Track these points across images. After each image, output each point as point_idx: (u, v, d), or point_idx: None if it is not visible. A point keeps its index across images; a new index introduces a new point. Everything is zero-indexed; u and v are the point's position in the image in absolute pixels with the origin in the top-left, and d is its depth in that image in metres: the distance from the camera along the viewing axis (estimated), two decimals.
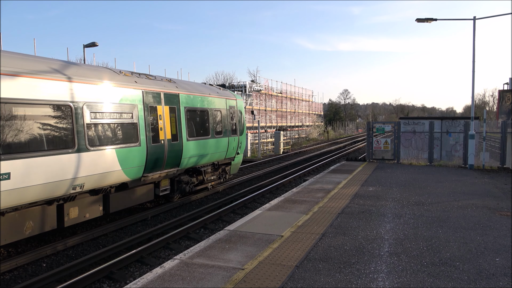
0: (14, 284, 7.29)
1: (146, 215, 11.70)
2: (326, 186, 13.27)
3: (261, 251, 6.80)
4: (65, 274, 7.53)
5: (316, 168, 22.72)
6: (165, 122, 11.85)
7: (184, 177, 13.42)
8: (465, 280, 5.65)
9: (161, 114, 11.76)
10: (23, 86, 7.76)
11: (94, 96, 9.47)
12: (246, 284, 5.45)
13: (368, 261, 6.35)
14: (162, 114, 11.79)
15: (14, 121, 7.50)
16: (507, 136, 17.94)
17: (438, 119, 20.37)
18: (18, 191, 7.53)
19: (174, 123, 12.29)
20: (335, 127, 78.26)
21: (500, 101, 23.36)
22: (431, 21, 18.16)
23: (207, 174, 14.79)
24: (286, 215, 9.35)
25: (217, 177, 15.67)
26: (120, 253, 8.76)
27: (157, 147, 11.37)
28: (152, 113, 11.38)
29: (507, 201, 11.05)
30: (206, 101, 14.28)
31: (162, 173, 11.87)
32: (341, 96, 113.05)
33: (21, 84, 7.72)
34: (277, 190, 16.39)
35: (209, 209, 12.70)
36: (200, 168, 14.12)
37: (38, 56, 9.22)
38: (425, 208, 10.08)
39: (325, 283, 5.53)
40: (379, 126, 21.80)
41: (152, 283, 5.52)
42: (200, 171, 14.26)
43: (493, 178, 15.33)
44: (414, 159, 20.16)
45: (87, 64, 13.52)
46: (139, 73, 11.86)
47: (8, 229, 7.80)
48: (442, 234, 7.83)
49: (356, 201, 10.90)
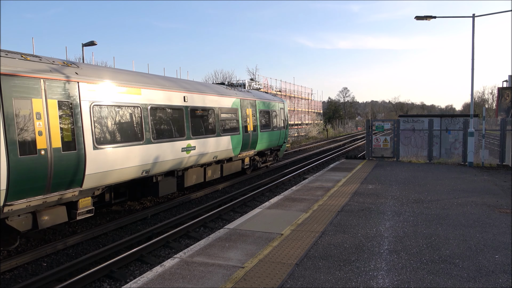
0: (14, 283, 7.30)
1: (146, 214, 11.70)
2: (326, 184, 13.28)
3: (261, 250, 6.80)
4: (65, 273, 7.55)
5: (316, 166, 22.72)
6: (250, 119, 17.60)
7: (256, 157, 19.38)
8: (465, 277, 5.66)
9: (249, 114, 17.52)
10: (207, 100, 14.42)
11: (222, 103, 15.45)
12: (246, 282, 5.46)
13: (368, 259, 6.36)
14: (250, 114, 17.59)
15: (195, 119, 13.54)
16: (506, 133, 17.95)
17: (437, 117, 20.36)
18: (198, 156, 13.59)
19: (257, 120, 18.43)
20: (335, 125, 78.25)
21: (499, 99, 23.38)
22: (430, 18, 18.14)
23: (267, 156, 20.86)
24: (286, 213, 9.36)
25: (273, 159, 21.84)
26: (120, 252, 8.77)
27: (246, 135, 17.12)
28: (244, 113, 17.03)
29: (506, 198, 11.06)
30: (269, 105, 20.19)
31: (247, 153, 17.64)
32: (341, 94, 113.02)
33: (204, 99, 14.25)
34: (277, 189, 16.39)
35: (209, 208, 12.70)
36: (265, 151, 20.03)
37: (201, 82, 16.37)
38: (424, 206, 10.09)
39: (325, 281, 5.54)
40: (379, 124, 21.82)
41: (152, 282, 5.52)
42: (265, 154, 20.29)
43: (493, 176, 15.35)
44: (413, 157, 20.17)
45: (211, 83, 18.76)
46: (235, 86, 17.65)
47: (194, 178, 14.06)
48: (442, 232, 7.84)
49: (355, 199, 10.91)
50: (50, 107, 8.27)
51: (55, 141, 8.31)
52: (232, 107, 16.10)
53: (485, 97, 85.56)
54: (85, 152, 8.95)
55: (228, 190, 15.90)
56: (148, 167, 11.07)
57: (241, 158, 17.19)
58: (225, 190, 15.91)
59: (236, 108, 16.42)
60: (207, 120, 14.34)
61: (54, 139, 8.29)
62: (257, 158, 19.52)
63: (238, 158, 16.83)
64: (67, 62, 9.39)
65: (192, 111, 13.32)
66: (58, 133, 8.40)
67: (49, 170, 8.11)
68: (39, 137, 7.96)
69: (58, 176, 8.34)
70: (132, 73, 11.72)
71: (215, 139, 14.55)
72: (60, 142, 8.43)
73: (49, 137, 8.19)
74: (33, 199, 7.98)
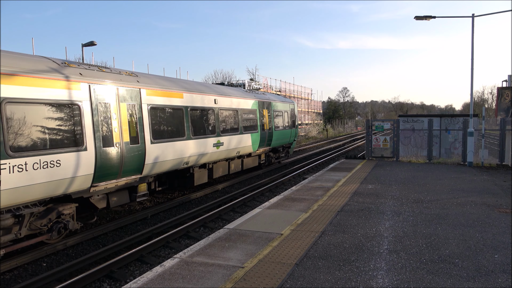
0: (14, 283, 7.30)
1: (146, 214, 11.71)
2: (326, 184, 13.29)
3: (261, 249, 6.81)
4: (65, 274, 7.55)
5: (316, 166, 22.72)
6: (266, 118, 19.48)
7: (270, 153, 21.27)
8: (464, 277, 5.67)
9: (265, 114, 19.54)
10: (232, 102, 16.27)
11: (244, 105, 17.32)
12: (246, 282, 5.46)
13: (368, 259, 6.37)
14: (266, 114, 19.61)
15: (223, 118, 15.28)
16: (505, 133, 17.97)
17: (437, 117, 20.38)
18: (226, 151, 15.36)
19: (269, 120, 19.95)
20: (334, 125, 78.22)
21: (499, 99, 23.36)
22: (430, 18, 18.15)
23: (280, 152, 22.73)
24: (285, 213, 9.36)
25: (284, 155, 23.57)
26: (120, 252, 8.77)
27: (263, 133, 18.97)
28: (261, 113, 18.97)
29: (506, 198, 11.07)
30: (282, 106, 22.02)
31: (264, 149, 19.54)
32: (340, 94, 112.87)
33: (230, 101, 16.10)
34: (277, 189, 16.39)
35: (209, 208, 12.71)
36: (278, 148, 22.03)
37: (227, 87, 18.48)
38: (424, 206, 10.10)
39: (324, 280, 5.55)
40: (378, 124, 21.83)
41: (152, 282, 5.53)
42: (278, 150, 22.30)
43: (492, 175, 15.36)
44: (413, 157, 20.19)
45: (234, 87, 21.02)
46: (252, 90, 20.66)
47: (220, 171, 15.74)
48: (441, 231, 7.85)
49: (355, 199, 10.92)
50: (122, 109, 10.22)
51: (125, 136, 10.23)
52: (252, 108, 18.06)
53: (485, 97, 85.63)
54: (145, 145, 10.83)
55: (228, 190, 15.91)
56: (188, 159, 12.93)
57: (258, 154, 19.13)
58: (225, 190, 15.91)
59: (255, 109, 18.39)
60: (232, 119, 16.20)
61: (125, 135, 10.21)
62: (271, 154, 21.52)
63: (256, 153, 18.81)
64: (129, 72, 11.36)
65: (220, 111, 15.23)
66: (127, 130, 10.30)
67: (121, 159, 10.02)
68: (115, 133, 9.88)
69: (127, 164, 10.21)
70: (176, 80, 14.14)
71: (238, 136, 16.48)
72: (129, 137, 10.33)
73: (121, 133, 10.08)
74: (109, 182, 9.82)
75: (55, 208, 8.74)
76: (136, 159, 10.49)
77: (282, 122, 21.76)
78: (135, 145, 10.43)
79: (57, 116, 8.40)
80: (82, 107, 8.97)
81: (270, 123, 20.00)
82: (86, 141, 8.96)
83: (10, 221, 7.70)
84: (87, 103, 9.11)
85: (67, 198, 9.01)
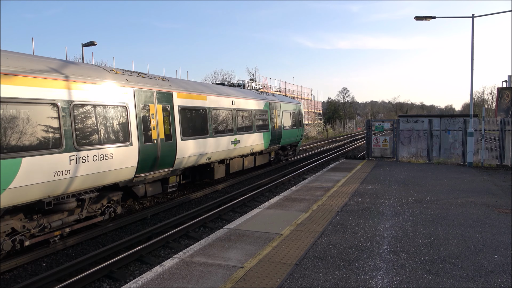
0: (14, 283, 7.30)
1: (146, 214, 11.70)
2: (325, 184, 13.29)
3: (261, 250, 6.81)
4: (65, 274, 7.55)
5: (316, 166, 22.72)
6: (275, 118, 20.79)
7: (279, 151, 22.47)
8: (464, 277, 5.67)
9: (275, 114, 20.75)
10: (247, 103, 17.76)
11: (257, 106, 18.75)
12: (246, 282, 5.46)
13: (367, 259, 6.37)
14: (276, 115, 20.84)
15: (239, 118, 16.75)
16: (505, 133, 17.96)
17: (437, 117, 20.37)
18: (242, 148, 16.82)
19: (279, 119, 21.37)
20: (334, 125, 78.21)
21: (499, 99, 23.37)
22: (430, 19, 18.15)
23: (288, 150, 23.93)
24: (285, 213, 9.36)
25: (292, 153, 24.95)
26: (119, 252, 8.77)
27: (273, 132, 20.25)
28: (271, 114, 20.28)
29: (506, 198, 11.07)
30: (289, 107, 23.25)
31: (274, 147, 20.83)
32: (340, 94, 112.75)
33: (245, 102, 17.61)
34: (277, 189, 16.39)
35: (209, 208, 12.70)
36: (286, 146, 23.11)
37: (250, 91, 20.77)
38: (424, 206, 10.10)
39: (324, 281, 5.54)
40: (378, 124, 21.82)
41: (152, 282, 5.52)
42: (286, 148, 23.39)
43: (492, 176, 15.36)
44: (413, 157, 20.18)
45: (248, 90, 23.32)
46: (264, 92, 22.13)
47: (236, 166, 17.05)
48: (441, 232, 7.85)
49: (355, 199, 10.92)
50: (158, 110, 11.56)
51: (161, 134, 11.55)
52: (263, 109, 19.50)
53: (485, 97, 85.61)
54: (176, 142, 12.20)
55: (227, 190, 15.90)
56: (210, 155, 14.31)
57: (268, 152, 20.60)
58: (225, 190, 15.90)
59: (266, 110, 19.79)
60: (247, 119, 17.62)
61: (161, 132, 11.52)
62: (280, 152, 22.90)
63: (267, 151, 20.25)
64: (161, 77, 12.69)
65: (237, 112, 16.65)
66: (163, 128, 11.64)
67: (158, 153, 11.33)
68: (153, 131, 11.20)
69: (162, 158, 11.55)
70: (199, 83, 15.53)
71: (252, 135, 17.90)
72: (164, 134, 11.65)
73: (158, 131, 11.38)
74: (148, 174, 11.13)
75: (106, 194, 10.12)
76: (169, 154, 11.88)
77: (290, 122, 23.09)
78: (168, 142, 11.83)
79: (111, 116, 9.85)
80: (128, 108, 10.38)
81: (280, 122, 21.42)
82: (132, 137, 10.35)
83: (74, 204, 9.03)
84: (132, 105, 10.53)
85: (115, 186, 10.33)
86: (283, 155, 23.46)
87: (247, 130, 17.33)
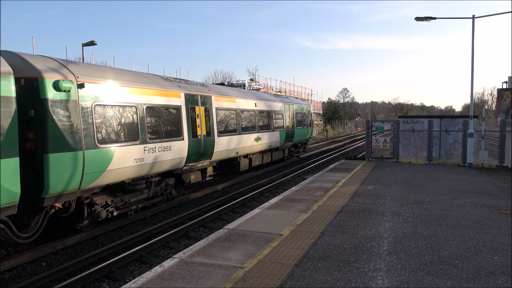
0: (13, 283, 7.29)
1: (145, 214, 11.70)
2: (325, 185, 13.28)
3: (261, 250, 6.80)
4: (65, 273, 7.54)
5: (315, 166, 22.72)
6: (290, 119, 23.25)
7: (292, 148, 25.10)
8: (464, 278, 5.66)
9: (289, 115, 23.16)
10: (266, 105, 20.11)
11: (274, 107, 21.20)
12: (246, 282, 5.46)
13: (367, 260, 6.36)
14: (290, 115, 23.29)
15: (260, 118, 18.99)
16: (506, 134, 17.96)
17: (437, 118, 20.37)
18: (262, 144, 19.03)
19: (294, 120, 23.89)
20: (334, 125, 78.18)
21: (499, 100, 23.36)
22: (430, 19, 18.15)
23: (299, 148, 26.44)
24: (285, 213, 9.36)
25: (302, 150, 27.46)
26: (119, 252, 8.76)
27: (288, 131, 22.63)
28: (286, 114, 22.57)
29: (506, 199, 11.06)
30: (301, 108, 25.85)
31: (287, 144, 23.20)
32: (340, 95, 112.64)
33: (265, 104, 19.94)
34: (277, 189, 16.38)
35: (208, 208, 12.70)
36: (297, 144, 25.70)
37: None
38: (424, 207, 10.09)
39: (324, 281, 5.54)
40: (378, 124, 21.82)
41: (152, 282, 5.52)
42: (297, 146, 25.95)
43: (492, 177, 15.36)
44: (413, 158, 20.18)
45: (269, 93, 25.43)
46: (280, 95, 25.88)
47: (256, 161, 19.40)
48: (441, 233, 7.84)
49: (355, 199, 10.91)
50: (201, 111, 13.83)
51: (203, 131, 13.79)
52: (279, 109, 21.85)
53: (485, 98, 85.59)
54: (214, 138, 14.47)
55: (227, 191, 15.89)
56: (238, 150, 16.65)
57: (283, 148, 23.06)
58: (225, 191, 15.90)
59: (282, 111, 22.14)
60: (267, 119, 19.97)
61: (203, 130, 13.77)
62: (293, 149, 25.36)
63: (282, 148, 22.68)
64: (201, 83, 15.01)
65: (259, 112, 19.00)
66: (204, 126, 13.87)
67: (201, 147, 13.60)
68: (198, 128, 13.43)
69: (204, 151, 13.83)
70: (228, 88, 18.25)
71: (270, 133, 20.13)
72: (205, 131, 13.88)
73: (201, 128, 13.61)
74: (192, 164, 13.36)
75: (164, 179, 12.44)
76: (209, 148, 14.15)
77: (301, 122, 25.48)
78: (209, 137, 14.07)
79: (170, 115, 12.16)
80: (181, 109, 12.66)
81: (292, 122, 23.73)
82: (184, 133, 12.61)
83: (144, 186, 11.25)
84: (183, 107, 12.80)
85: (169, 173, 12.58)
86: (295, 151, 25.84)
87: (267, 129, 19.66)
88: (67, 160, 8.41)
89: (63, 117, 8.41)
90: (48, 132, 8.08)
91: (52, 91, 8.25)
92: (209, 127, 14.07)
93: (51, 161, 8.07)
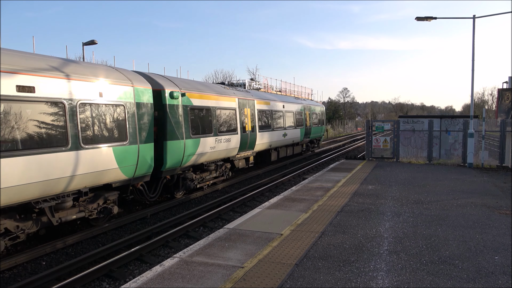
0: (13, 282, 7.29)
1: (146, 213, 11.70)
2: (326, 185, 13.28)
3: (261, 250, 6.80)
4: (65, 272, 7.54)
5: (316, 166, 22.71)
6: (308, 118, 27.14)
7: (308, 144, 28.88)
8: (464, 278, 5.66)
9: (307, 114, 27.02)
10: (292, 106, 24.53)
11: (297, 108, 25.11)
12: (246, 282, 5.45)
13: (368, 260, 6.36)
14: (308, 115, 27.16)
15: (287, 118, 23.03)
16: (506, 134, 17.95)
17: (437, 118, 20.35)
18: (287, 139, 22.99)
19: (309, 118, 27.54)
20: (334, 125, 78.13)
21: (499, 100, 23.36)
22: (431, 19, 18.14)
23: (314, 143, 30.53)
24: (285, 213, 9.35)
25: (317, 145, 31.47)
26: (119, 252, 8.76)
27: (307, 128, 26.60)
28: (305, 114, 26.33)
29: (506, 199, 11.06)
30: (316, 109, 29.75)
31: (305, 140, 26.95)
32: (341, 95, 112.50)
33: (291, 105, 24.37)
34: (277, 189, 16.38)
35: (209, 208, 12.69)
36: (313, 140, 29.82)
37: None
38: (424, 207, 10.09)
39: (324, 281, 5.54)
40: (379, 124, 21.81)
41: (152, 281, 5.52)
42: (313, 141, 30.13)
43: (492, 177, 15.35)
44: (413, 158, 20.17)
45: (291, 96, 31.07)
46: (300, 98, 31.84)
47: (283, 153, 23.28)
48: (441, 233, 7.84)
49: (355, 199, 10.91)
50: (248, 112, 17.65)
51: (249, 127, 17.60)
52: (300, 110, 25.66)
53: (485, 98, 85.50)
54: (256, 133, 18.39)
55: (227, 190, 15.90)
56: (271, 143, 20.45)
57: (302, 144, 26.86)
58: (225, 190, 15.90)
59: (302, 111, 25.96)
60: (291, 118, 23.66)
61: (249, 126, 17.59)
62: (309, 144, 29.25)
63: (301, 143, 26.55)
64: (245, 90, 19.38)
65: (286, 113, 22.77)
66: (250, 123, 17.67)
67: (248, 140, 17.44)
68: (246, 125, 17.19)
69: (250, 143, 17.67)
70: (266, 93, 23.00)
71: (294, 130, 23.89)
72: (250, 127, 17.72)
73: (248, 125, 17.43)
74: (242, 153, 17.24)
75: (223, 164, 16.10)
76: (253, 141, 17.95)
77: (317, 120, 29.60)
78: (253, 133, 17.89)
79: (230, 114, 15.92)
80: (236, 111, 16.42)
81: (310, 121, 27.50)
82: (237, 128, 16.32)
83: (213, 167, 15.12)
84: (237, 108, 16.56)
85: (226, 159, 16.20)
86: (311, 147, 29.91)
87: (291, 127, 23.35)
88: (176, 146, 12.18)
89: (174, 116, 12.13)
90: (167, 126, 11.88)
91: (169, 99, 12.00)
92: (253, 125, 17.87)
93: (168, 146, 11.86)
